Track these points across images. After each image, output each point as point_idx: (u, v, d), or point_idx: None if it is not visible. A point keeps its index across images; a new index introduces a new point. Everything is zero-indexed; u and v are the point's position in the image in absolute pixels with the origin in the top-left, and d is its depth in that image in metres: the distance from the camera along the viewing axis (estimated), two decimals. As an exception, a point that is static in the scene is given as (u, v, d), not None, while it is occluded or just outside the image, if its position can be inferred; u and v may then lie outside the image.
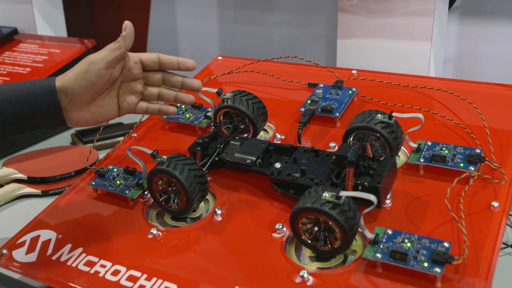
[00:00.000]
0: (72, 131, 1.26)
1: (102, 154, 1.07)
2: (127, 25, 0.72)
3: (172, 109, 0.77)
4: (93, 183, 0.78)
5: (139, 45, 1.59)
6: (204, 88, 0.84)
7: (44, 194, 0.98)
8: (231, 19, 1.43)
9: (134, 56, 0.74)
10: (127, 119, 1.09)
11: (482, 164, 0.68)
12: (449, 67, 1.19)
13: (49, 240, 0.72)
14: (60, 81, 0.70)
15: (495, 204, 0.64)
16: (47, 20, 1.44)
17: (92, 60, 0.69)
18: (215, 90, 0.81)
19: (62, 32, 1.47)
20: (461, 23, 1.15)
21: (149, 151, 0.72)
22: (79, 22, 1.63)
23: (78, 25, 1.61)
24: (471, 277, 0.56)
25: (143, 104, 0.76)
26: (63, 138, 1.25)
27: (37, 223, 0.75)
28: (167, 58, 0.75)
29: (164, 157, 0.70)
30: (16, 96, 0.68)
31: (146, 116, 0.91)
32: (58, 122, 0.71)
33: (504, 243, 0.76)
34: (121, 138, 1.19)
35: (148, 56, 0.75)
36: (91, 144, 1.18)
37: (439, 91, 0.84)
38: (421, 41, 0.96)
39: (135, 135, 0.89)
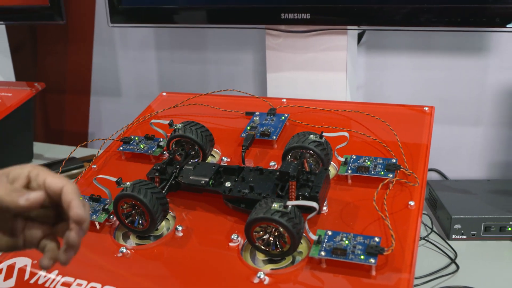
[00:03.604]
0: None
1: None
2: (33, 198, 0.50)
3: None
4: (62, 212, 0.78)
5: (84, 87, 1.58)
6: (156, 121, 0.87)
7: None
8: (169, 59, 1.46)
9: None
10: (79, 153, 1.09)
11: (398, 171, 0.75)
12: (361, 92, 1.26)
13: (25, 266, 0.71)
14: None
15: (412, 203, 0.70)
16: (-4, 66, 1.42)
17: None
18: (166, 122, 0.84)
19: (11, 77, 1.45)
20: (368, 55, 1.23)
21: (114, 179, 0.73)
22: (25, 67, 1.61)
23: (25, 70, 1.59)
24: (399, 264, 0.61)
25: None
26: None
27: (10, 253, 0.75)
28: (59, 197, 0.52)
29: (128, 183, 0.72)
30: None
31: (102, 149, 0.92)
32: None
33: (420, 237, 0.82)
34: (76, 171, 1.19)
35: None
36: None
37: (357, 113, 0.90)
38: (338, 72, 1.02)
39: (95, 166, 0.90)
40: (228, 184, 0.74)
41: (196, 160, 0.83)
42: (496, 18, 0.86)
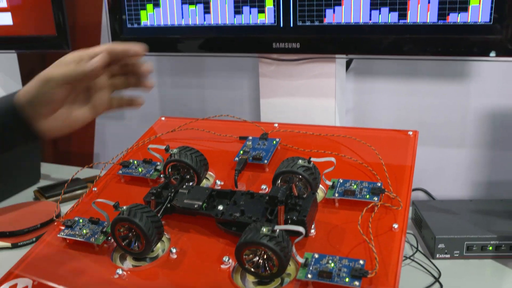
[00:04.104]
0: (35, 187, 1.24)
1: (63, 207, 1.06)
2: (98, 58, 0.63)
3: (141, 99, 0.69)
4: (62, 234, 0.77)
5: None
6: (153, 146, 0.86)
7: (14, 246, 0.96)
8: (170, 84, 1.45)
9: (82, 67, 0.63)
10: (82, 174, 1.08)
11: (383, 194, 0.73)
12: (350, 115, 1.25)
13: (26, 287, 0.70)
14: (20, 95, 0.62)
15: (396, 226, 0.68)
16: (7, 91, 1.41)
17: (46, 79, 0.61)
18: (163, 147, 0.83)
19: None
20: (356, 81, 1.23)
21: (111, 203, 0.72)
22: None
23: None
24: (383, 286, 0.60)
25: (114, 100, 0.68)
26: (27, 195, 1.22)
27: (13, 273, 0.73)
28: (118, 48, 0.66)
29: (124, 207, 0.71)
30: None
31: (104, 171, 0.91)
32: (30, 136, 0.63)
33: (404, 256, 0.81)
34: (80, 192, 1.18)
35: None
36: (54, 198, 1.16)
37: (345, 137, 0.89)
38: (327, 98, 1.02)
39: (95, 189, 0.89)
40: (220, 207, 0.73)
41: (191, 183, 0.82)
42: (474, 48, 0.85)
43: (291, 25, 0.96)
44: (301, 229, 0.61)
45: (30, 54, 1.55)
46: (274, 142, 0.89)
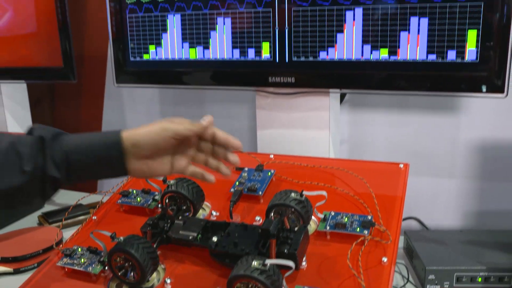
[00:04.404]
0: (39, 213, 1.23)
1: (65, 232, 1.05)
2: (209, 119, 0.71)
3: (212, 177, 0.72)
4: (61, 263, 0.76)
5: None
6: (152, 177, 0.86)
7: (16, 271, 0.95)
8: (172, 113, 1.46)
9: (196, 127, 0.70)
10: (86, 200, 1.08)
11: (373, 228, 0.73)
12: (345, 146, 1.25)
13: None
14: (131, 134, 0.67)
15: (385, 259, 0.67)
16: (16, 119, 1.42)
17: (166, 128, 0.67)
18: (161, 178, 0.83)
19: (28, 128, 1.45)
20: (351, 112, 1.22)
21: (108, 233, 0.71)
22: (43, 119, 1.62)
23: (42, 122, 1.59)
24: (371, 321, 0.59)
25: (191, 168, 0.71)
26: (32, 219, 1.21)
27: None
28: (221, 135, 0.71)
29: (121, 238, 0.70)
30: (89, 149, 0.66)
31: (106, 198, 0.91)
32: (121, 171, 0.68)
33: (394, 287, 0.80)
34: (82, 217, 1.17)
35: (206, 130, 0.71)
36: (57, 224, 1.16)
37: (338, 170, 0.89)
38: (321, 130, 1.01)
39: (95, 217, 0.88)
40: (215, 239, 0.72)
41: (187, 214, 0.81)
42: (461, 85, 0.85)
43: (287, 61, 0.96)
44: (291, 263, 0.60)
45: (39, 83, 1.56)
46: (269, 173, 0.89)
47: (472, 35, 0.83)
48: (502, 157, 1.13)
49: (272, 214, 0.75)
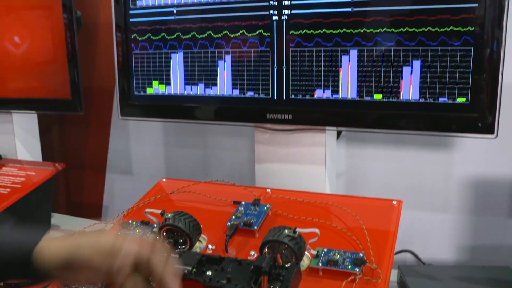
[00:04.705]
0: (43, 239, 1.22)
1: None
2: None
3: None
4: (58, 294, 0.75)
5: (101, 165, 1.58)
6: (150, 210, 0.85)
7: (16, 298, 0.94)
8: (175, 143, 1.46)
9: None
10: (91, 228, 1.07)
11: (365, 265, 0.71)
12: (342, 179, 1.24)
13: None
14: (45, 258, 0.59)
15: (375, 298, 0.66)
16: (26, 147, 1.42)
17: (78, 258, 0.58)
18: (159, 212, 0.82)
19: (38, 155, 1.45)
20: (348, 147, 1.22)
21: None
22: (51, 147, 1.62)
23: (51, 149, 1.60)
24: None
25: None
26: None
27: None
28: (156, 274, 0.59)
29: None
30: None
31: (108, 227, 0.90)
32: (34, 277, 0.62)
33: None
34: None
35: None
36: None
37: (332, 205, 0.88)
38: (318, 165, 1.01)
39: (95, 248, 0.87)
40: (209, 273, 0.71)
41: (184, 246, 0.80)
42: (452, 125, 0.85)
43: (284, 98, 0.96)
44: (281, 303, 0.59)
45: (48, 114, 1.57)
46: (265, 208, 0.88)
47: (463, 78, 0.83)
48: (494, 193, 1.12)
49: (266, 249, 0.73)
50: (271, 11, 0.94)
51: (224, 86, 1.01)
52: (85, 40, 1.46)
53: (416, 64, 0.86)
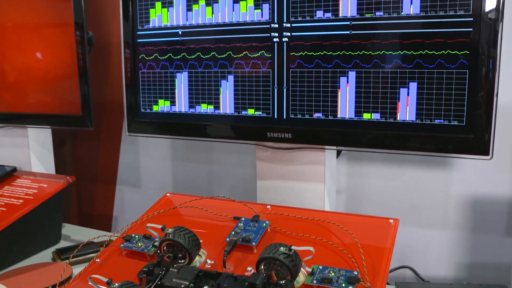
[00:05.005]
0: (54, 248, 1.22)
1: (75, 268, 1.04)
2: None
3: None
4: None
5: (111, 178, 1.59)
6: (151, 224, 0.85)
7: (24, 308, 0.93)
8: (182, 158, 1.46)
9: None
10: (99, 238, 1.07)
11: (359, 284, 0.70)
12: (343, 195, 1.23)
13: None
14: None
15: (368, 317, 0.65)
16: (40, 160, 1.43)
17: None
18: (160, 226, 0.81)
19: (51, 168, 1.46)
20: (349, 164, 1.21)
21: (105, 279, 0.70)
22: (64, 160, 1.63)
23: (64, 162, 1.61)
24: None
25: None
26: (47, 255, 1.21)
27: None
28: None
29: (116, 284, 0.68)
30: None
31: (119, 233, 0.89)
32: None
33: None
34: (92, 255, 1.16)
35: None
36: (67, 261, 1.14)
37: (329, 223, 0.87)
38: (317, 182, 1.00)
39: (98, 260, 0.87)
40: (206, 288, 0.71)
41: (183, 261, 0.80)
42: (448, 146, 0.84)
43: (284, 117, 0.96)
44: (272, 321, 0.58)
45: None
46: (264, 224, 0.87)
47: (458, 100, 0.82)
48: (491, 212, 1.10)
49: (262, 266, 0.73)
50: (272, 33, 0.94)
51: (226, 105, 1.01)
52: (98, 58, 1.48)
53: (413, 86, 0.85)
